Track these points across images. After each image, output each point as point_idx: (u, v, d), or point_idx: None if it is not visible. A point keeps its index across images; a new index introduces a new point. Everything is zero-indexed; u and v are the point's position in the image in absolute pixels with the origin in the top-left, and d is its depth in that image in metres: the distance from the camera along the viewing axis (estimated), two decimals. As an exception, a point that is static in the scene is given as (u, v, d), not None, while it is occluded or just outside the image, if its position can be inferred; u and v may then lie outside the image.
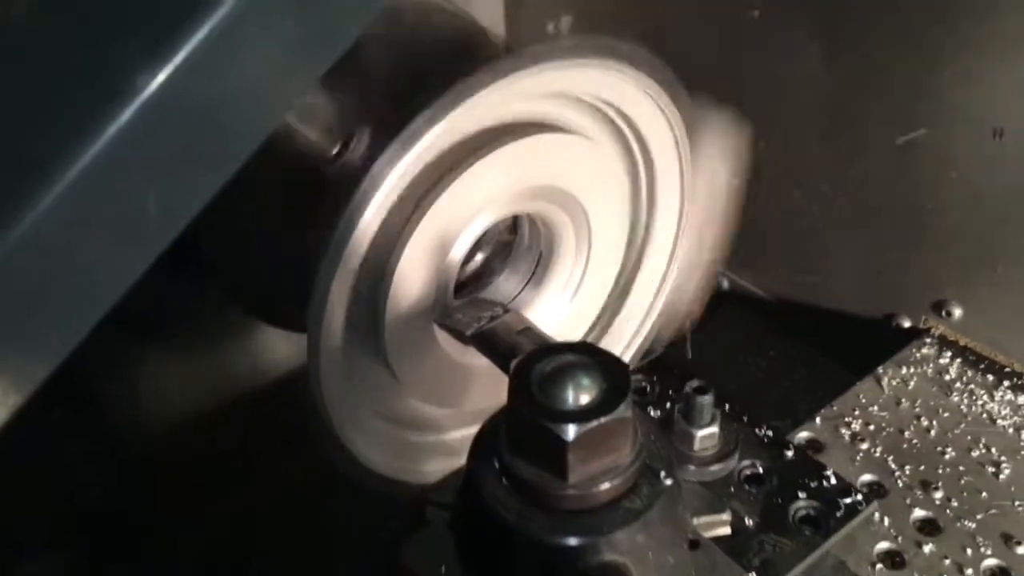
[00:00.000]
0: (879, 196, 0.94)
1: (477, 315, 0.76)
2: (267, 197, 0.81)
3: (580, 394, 0.52)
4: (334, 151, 0.78)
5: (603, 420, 0.51)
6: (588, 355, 0.54)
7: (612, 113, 0.83)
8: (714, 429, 0.62)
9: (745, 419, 0.67)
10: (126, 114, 0.35)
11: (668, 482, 0.54)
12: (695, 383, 0.62)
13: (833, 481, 0.63)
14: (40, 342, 0.38)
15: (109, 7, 0.37)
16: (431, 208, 0.73)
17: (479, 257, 0.87)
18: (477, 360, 0.76)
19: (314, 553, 0.87)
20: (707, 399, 0.61)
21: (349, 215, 0.67)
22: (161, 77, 0.36)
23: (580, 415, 0.51)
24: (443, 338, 0.79)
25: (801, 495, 0.62)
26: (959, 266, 0.92)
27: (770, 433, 0.66)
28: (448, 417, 0.86)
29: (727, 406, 0.68)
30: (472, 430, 0.61)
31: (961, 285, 0.93)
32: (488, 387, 0.80)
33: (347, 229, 0.67)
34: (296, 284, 0.71)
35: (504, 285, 0.87)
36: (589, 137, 0.83)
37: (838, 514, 0.61)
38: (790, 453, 0.64)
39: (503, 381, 0.55)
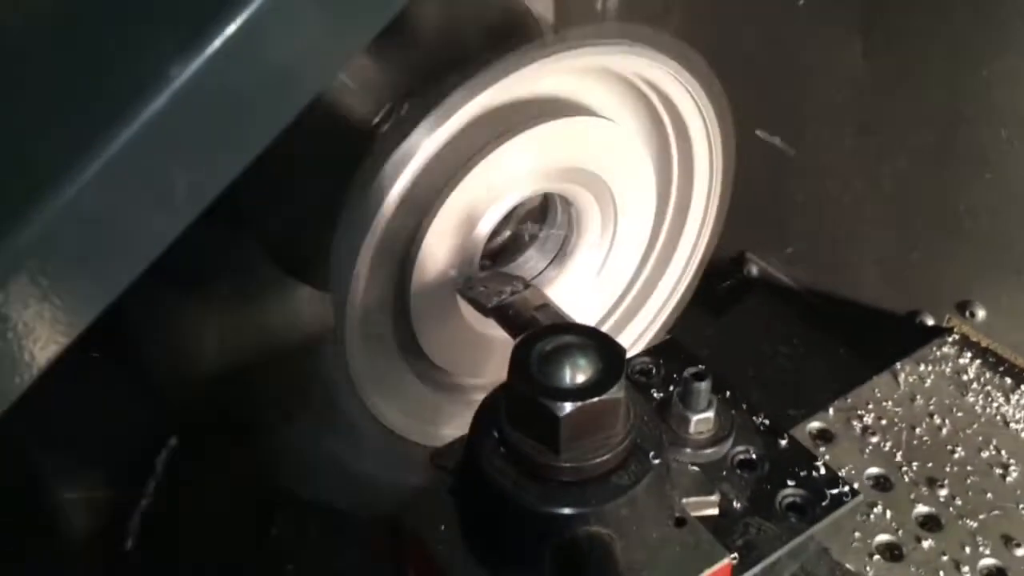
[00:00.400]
0: (911, 193, 0.93)
1: (499, 288, 0.78)
2: (310, 161, 0.84)
3: (576, 374, 0.55)
4: (375, 119, 0.81)
5: (596, 399, 0.54)
6: (588, 337, 0.57)
7: (649, 91, 0.83)
8: (709, 414, 0.64)
9: (744, 406, 0.69)
10: (159, 101, 0.39)
11: (656, 462, 0.57)
12: (693, 369, 0.64)
13: (823, 471, 0.65)
14: (83, 294, 0.42)
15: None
16: (461, 182, 0.75)
17: (507, 232, 0.89)
18: (498, 332, 0.79)
19: (341, 507, 0.90)
20: (704, 385, 0.63)
21: (378, 185, 0.70)
22: (193, 67, 0.39)
23: (574, 393, 0.54)
24: (466, 308, 0.82)
25: (790, 483, 0.64)
26: (987, 267, 0.92)
27: (767, 422, 0.68)
28: (468, 385, 0.89)
29: (727, 392, 0.70)
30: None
31: (987, 286, 0.93)
32: (507, 359, 0.83)
33: (376, 198, 0.70)
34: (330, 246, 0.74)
35: (530, 261, 0.90)
36: (621, 123, 0.84)
37: (824, 503, 0.63)
38: (784, 442, 0.67)
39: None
